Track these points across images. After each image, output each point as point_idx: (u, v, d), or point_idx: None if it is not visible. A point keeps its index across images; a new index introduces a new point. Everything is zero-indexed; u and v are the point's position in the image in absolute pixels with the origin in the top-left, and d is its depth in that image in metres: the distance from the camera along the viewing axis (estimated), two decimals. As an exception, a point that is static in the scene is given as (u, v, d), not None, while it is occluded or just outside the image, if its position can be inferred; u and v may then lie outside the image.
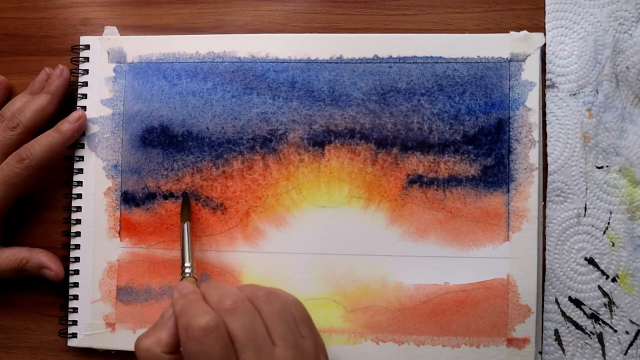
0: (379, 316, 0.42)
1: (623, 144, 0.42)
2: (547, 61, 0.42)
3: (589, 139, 0.42)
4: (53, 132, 0.43)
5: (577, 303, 0.41)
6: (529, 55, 0.42)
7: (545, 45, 0.42)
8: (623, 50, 0.42)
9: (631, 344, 0.41)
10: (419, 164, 0.42)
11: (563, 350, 0.41)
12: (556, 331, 0.41)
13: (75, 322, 0.44)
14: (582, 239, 0.42)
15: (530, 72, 0.42)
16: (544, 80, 0.42)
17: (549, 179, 0.42)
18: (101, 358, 0.44)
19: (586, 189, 0.42)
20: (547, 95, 0.42)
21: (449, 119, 0.42)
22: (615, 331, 0.41)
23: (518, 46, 0.42)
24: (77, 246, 0.44)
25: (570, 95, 0.42)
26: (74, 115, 0.43)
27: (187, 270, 0.39)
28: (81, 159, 0.44)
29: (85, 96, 0.45)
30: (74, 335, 0.44)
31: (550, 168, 0.42)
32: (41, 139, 0.42)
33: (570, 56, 0.42)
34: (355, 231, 0.42)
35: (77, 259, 0.44)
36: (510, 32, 0.42)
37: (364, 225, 0.42)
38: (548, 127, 0.42)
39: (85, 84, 0.45)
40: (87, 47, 0.45)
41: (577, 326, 0.41)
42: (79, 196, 0.44)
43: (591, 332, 0.41)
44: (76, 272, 0.44)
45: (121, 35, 0.45)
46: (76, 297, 0.44)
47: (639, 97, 0.42)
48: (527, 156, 0.41)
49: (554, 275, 0.42)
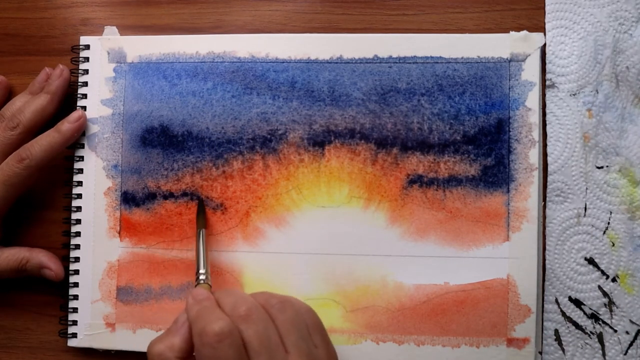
0: (379, 316, 0.42)
1: (623, 144, 0.42)
2: (547, 61, 0.42)
3: (589, 139, 0.42)
4: (53, 132, 0.43)
5: (577, 303, 0.41)
6: (529, 55, 0.42)
7: (545, 45, 0.42)
8: (623, 50, 0.42)
9: (631, 344, 0.41)
10: (419, 164, 0.42)
11: (563, 350, 0.41)
12: (556, 331, 0.41)
13: (75, 322, 0.44)
14: (582, 239, 0.42)
15: (530, 72, 0.42)
16: (544, 80, 0.42)
17: (549, 179, 0.42)
18: (101, 358, 0.44)
19: (586, 189, 0.42)
20: (547, 95, 0.42)
21: (449, 119, 0.42)
22: (615, 331, 0.41)
23: (518, 46, 0.42)
24: (77, 246, 0.44)
25: (570, 95, 0.42)
26: (74, 115, 0.43)
27: (202, 277, 0.39)
28: (81, 159, 0.44)
29: (85, 96, 0.45)
30: (74, 335, 0.44)
31: (550, 168, 0.42)
32: (41, 139, 0.42)
33: (570, 56, 0.42)
34: (355, 231, 0.42)
35: (77, 259, 0.44)
36: (510, 32, 0.42)
37: (364, 225, 0.42)
38: (548, 127, 0.42)
39: (85, 84, 0.45)
40: (87, 47, 0.45)
41: (577, 326, 0.41)
42: (79, 196, 0.44)
43: (591, 332, 0.41)
44: (76, 272, 0.44)
45: (121, 35, 0.45)
46: (76, 297, 0.44)
47: (639, 97, 0.42)
48: (527, 156, 0.41)
49: (554, 275, 0.42)
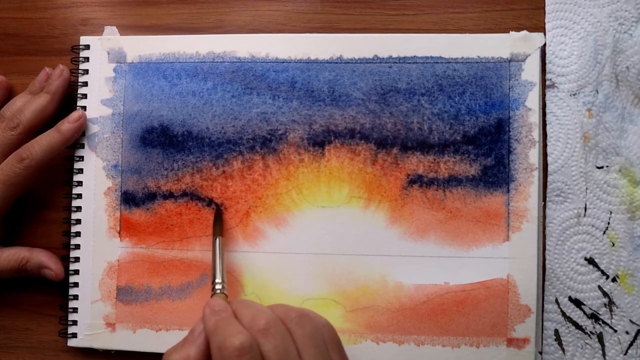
0: (379, 316, 0.42)
1: (623, 144, 0.42)
2: (547, 61, 0.42)
3: (589, 139, 0.42)
4: (53, 132, 0.43)
5: (577, 303, 0.41)
6: (529, 55, 0.42)
7: (545, 45, 0.42)
8: (623, 50, 0.42)
9: (631, 344, 0.41)
10: (419, 164, 0.42)
11: (563, 350, 0.41)
12: (556, 331, 0.41)
13: (75, 322, 0.44)
14: (582, 239, 0.42)
15: (530, 72, 0.42)
16: (544, 80, 0.42)
17: (549, 179, 0.42)
18: (101, 358, 0.44)
19: (586, 189, 0.42)
20: (547, 95, 0.42)
21: (449, 119, 0.42)
22: (615, 331, 0.41)
23: (518, 46, 0.42)
24: (77, 246, 0.44)
25: (570, 95, 0.42)
26: (74, 115, 0.43)
27: (218, 287, 0.38)
28: (81, 159, 0.44)
29: (85, 96, 0.45)
30: (74, 335, 0.44)
31: (550, 168, 0.42)
32: (41, 138, 0.42)
33: (570, 56, 0.42)
34: (355, 231, 0.42)
35: (77, 259, 0.44)
36: (510, 32, 0.42)
37: (364, 225, 0.42)
38: (548, 127, 0.42)
39: (85, 84, 0.45)
40: (87, 47, 0.45)
41: (577, 326, 0.41)
42: (79, 196, 0.44)
43: (591, 332, 0.41)
44: (76, 272, 0.44)
45: (121, 35, 0.45)
46: (76, 297, 0.44)
47: (639, 97, 0.42)
48: (527, 156, 0.41)
49: (554, 275, 0.42)
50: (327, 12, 0.45)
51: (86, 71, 0.45)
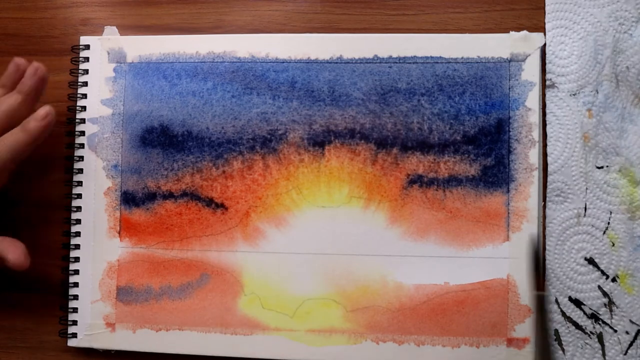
0: (379, 316, 0.42)
1: (623, 144, 0.42)
2: (547, 61, 0.42)
3: (589, 139, 0.42)
4: (19, 130, 0.40)
5: (577, 303, 0.41)
6: (529, 55, 0.42)
7: (545, 45, 0.42)
8: (623, 50, 0.42)
9: (631, 344, 0.41)
10: (419, 164, 0.42)
11: (563, 350, 0.41)
12: (556, 331, 0.41)
13: (75, 322, 0.44)
14: (582, 239, 0.42)
15: (530, 72, 0.42)
16: (544, 80, 0.42)
17: (549, 179, 0.42)
18: (101, 358, 0.44)
19: (586, 189, 0.42)
20: (547, 95, 0.42)
21: (449, 119, 0.42)
22: (615, 331, 0.41)
23: (518, 46, 0.42)
24: (77, 246, 0.44)
25: (570, 95, 0.42)
26: (41, 112, 0.40)
27: None
28: (81, 159, 0.44)
29: (85, 96, 0.45)
30: (74, 335, 0.44)
31: (550, 168, 0.42)
32: (6, 138, 0.40)
33: (570, 56, 0.42)
34: (355, 231, 0.42)
35: (77, 259, 0.44)
36: (510, 32, 0.42)
37: (364, 225, 0.42)
38: (548, 127, 0.42)
39: (85, 84, 0.45)
40: (87, 47, 0.45)
41: (577, 326, 0.41)
42: (79, 196, 0.44)
43: (591, 332, 0.41)
44: (76, 272, 0.44)
45: (121, 35, 0.45)
46: (76, 297, 0.44)
47: (639, 97, 0.42)
48: (527, 156, 0.41)
49: (554, 275, 0.42)
50: (327, 12, 0.45)
51: (86, 71, 0.45)
